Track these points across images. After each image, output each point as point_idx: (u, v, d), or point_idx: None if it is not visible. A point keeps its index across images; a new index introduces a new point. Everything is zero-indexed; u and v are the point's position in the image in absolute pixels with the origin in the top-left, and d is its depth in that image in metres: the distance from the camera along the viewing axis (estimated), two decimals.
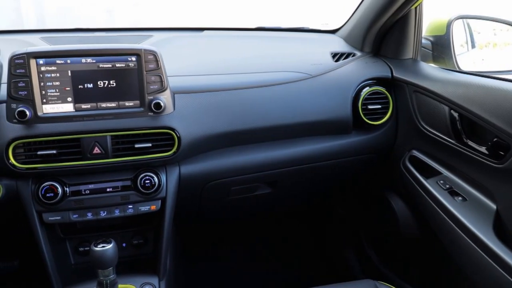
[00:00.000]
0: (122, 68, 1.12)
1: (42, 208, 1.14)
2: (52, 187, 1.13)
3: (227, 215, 1.65)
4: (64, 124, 1.10)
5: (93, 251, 1.02)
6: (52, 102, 1.10)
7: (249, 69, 1.38)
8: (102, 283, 1.05)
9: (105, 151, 1.13)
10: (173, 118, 1.17)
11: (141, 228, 1.34)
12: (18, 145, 1.09)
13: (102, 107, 1.13)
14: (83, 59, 1.10)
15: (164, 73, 1.14)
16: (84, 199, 1.16)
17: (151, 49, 1.13)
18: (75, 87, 1.10)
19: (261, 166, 1.36)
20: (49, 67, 1.08)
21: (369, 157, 1.50)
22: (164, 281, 1.24)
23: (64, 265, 1.26)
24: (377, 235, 1.76)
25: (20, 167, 1.09)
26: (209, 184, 1.32)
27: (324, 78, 1.40)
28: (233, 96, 1.28)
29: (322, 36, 1.71)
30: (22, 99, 1.07)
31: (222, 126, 1.25)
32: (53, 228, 1.23)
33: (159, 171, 1.21)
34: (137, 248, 1.35)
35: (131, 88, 1.13)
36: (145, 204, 1.20)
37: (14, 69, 1.06)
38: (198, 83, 1.27)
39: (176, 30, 1.67)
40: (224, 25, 1.75)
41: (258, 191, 1.44)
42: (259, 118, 1.30)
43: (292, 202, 1.69)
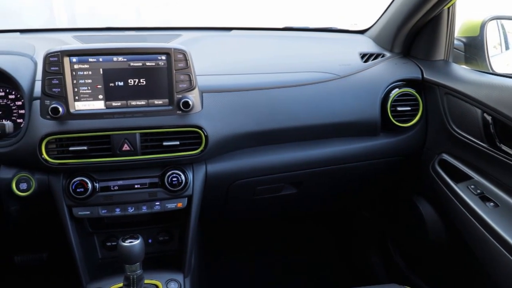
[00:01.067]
0: (152, 67, 1.13)
1: (73, 203, 1.17)
2: (83, 182, 1.15)
3: (251, 214, 1.65)
4: (95, 121, 1.12)
5: (121, 246, 1.04)
6: (84, 99, 1.12)
7: (277, 69, 1.37)
8: (129, 278, 1.07)
9: (134, 148, 1.14)
10: (201, 116, 1.18)
11: (167, 225, 1.35)
12: (51, 140, 1.12)
13: (132, 105, 1.14)
14: (115, 58, 1.12)
15: (193, 72, 1.15)
16: (113, 195, 1.18)
17: (181, 48, 1.14)
18: (106, 84, 1.12)
19: (287, 166, 1.35)
20: (81, 65, 1.11)
21: (397, 160, 1.48)
22: (189, 278, 1.25)
23: (91, 259, 1.29)
24: (404, 240, 1.72)
25: (52, 162, 1.12)
26: (235, 183, 1.32)
27: (352, 78, 1.38)
28: (261, 95, 1.28)
29: (350, 36, 1.70)
30: (55, 96, 1.10)
31: (249, 126, 1.25)
32: (82, 223, 1.26)
33: (186, 169, 1.22)
34: (163, 245, 1.36)
35: (160, 86, 1.15)
36: (172, 202, 1.21)
37: (48, 66, 1.09)
38: (226, 82, 1.28)
39: (204, 30, 1.68)
40: (252, 25, 1.75)
41: (283, 192, 1.44)
42: (286, 118, 1.30)
43: (317, 204, 1.68)
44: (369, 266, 1.88)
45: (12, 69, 1.17)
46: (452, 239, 1.44)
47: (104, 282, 1.21)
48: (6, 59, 1.20)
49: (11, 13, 3.29)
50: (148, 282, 1.18)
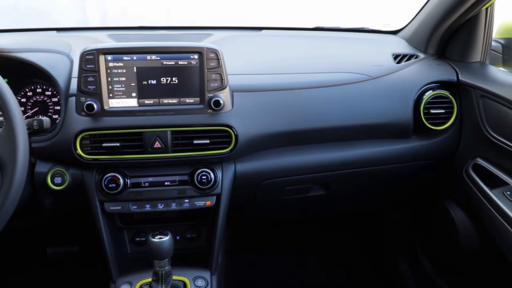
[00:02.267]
0: (185, 66, 1.14)
1: (105, 198, 1.19)
2: (115, 178, 1.17)
3: (279, 215, 1.65)
4: (128, 118, 1.14)
5: (150, 242, 1.05)
6: (118, 96, 1.14)
7: (307, 69, 1.36)
8: (158, 273, 1.09)
9: (165, 146, 1.16)
10: (231, 116, 1.18)
11: (194, 222, 1.36)
12: (85, 136, 1.14)
13: (164, 103, 1.16)
14: (148, 56, 1.14)
15: (224, 71, 1.16)
16: (143, 191, 1.20)
17: (213, 48, 1.15)
18: (139, 83, 1.14)
19: (316, 167, 1.34)
20: (116, 63, 1.13)
21: (429, 163, 1.44)
22: (216, 276, 1.26)
23: (121, 254, 1.31)
24: (434, 246, 1.68)
25: (86, 157, 1.15)
26: (264, 182, 1.32)
27: (385, 80, 1.36)
28: (292, 95, 1.27)
29: (383, 36, 1.67)
30: (90, 93, 1.12)
31: (279, 126, 1.25)
32: (113, 218, 1.29)
33: (215, 167, 1.23)
34: (190, 242, 1.38)
35: (192, 85, 1.16)
36: (201, 199, 1.22)
37: (84, 64, 1.12)
38: (256, 82, 1.28)
39: (235, 29, 1.69)
40: (282, 25, 1.75)
41: (312, 193, 1.43)
42: (316, 118, 1.29)
43: (345, 206, 1.66)
44: (396, 271, 1.84)
45: (49, 67, 1.21)
46: (485, 246, 1.40)
47: (133, 276, 1.22)
48: (44, 57, 1.24)
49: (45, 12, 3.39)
50: (176, 278, 1.19)
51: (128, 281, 1.21)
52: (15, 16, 3.25)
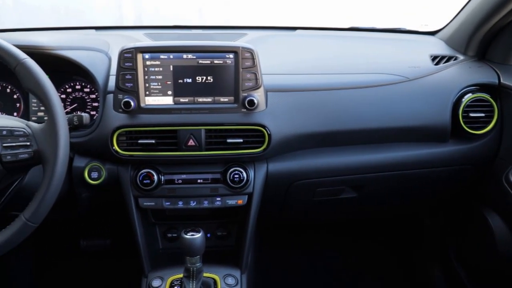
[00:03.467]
0: (220, 65, 1.15)
1: (139, 194, 1.21)
2: (149, 174, 1.19)
3: (310, 216, 1.63)
4: (163, 116, 1.16)
5: (183, 238, 1.06)
6: (154, 94, 1.16)
7: (342, 70, 1.35)
8: (189, 269, 1.10)
9: (199, 144, 1.17)
10: (265, 115, 1.18)
11: (225, 221, 1.37)
12: (122, 133, 1.17)
13: (199, 101, 1.17)
14: (185, 55, 1.15)
15: (259, 71, 1.16)
16: (176, 188, 1.22)
17: (248, 47, 1.15)
18: (175, 81, 1.16)
19: (349, 169, 1.33)
20: (153, 62, 1.15)
21: (466, 168, 1.40)
22: (246, 274, 1.26)
23: (153, 249, 1.33)
24: (468, 253, 1.63)
25: (122, 153, 1.17)
26: (295, 183, 1.31)
27: (422, 82, 1.33)
28: (326, 96, 1.26)
29: (420, 37, 1.63)
30: (128, 90, 1.15)
31: (313, 126, 1.24)
32: (146, 213, 1.31)
33: (247, 166, 1.23)
34: (220, 240, 1.38)
35: (226, 84, 1.16)
36: (233, 198, 1.23)
37: (123, 62, 1.14)
38: (291, 82, 1.27)
39: (269, 29, 1.68)
40: (317, 25, 1.74)
41: (343, 195, 1.41)
42: (351, 120, 1.27)
43: (377, 209, 1.63)
44: (429, 278, 1.80)
45: (89, 64, 1.24)
46: None
47: (164, 271, 1.24)
48: (84, 54, 1.27)
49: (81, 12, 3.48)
50: (206, 275, 1.20)
51: (159, 276, 1.22)
52: (54, 16, 3.34)
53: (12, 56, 0.93)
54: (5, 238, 0.91)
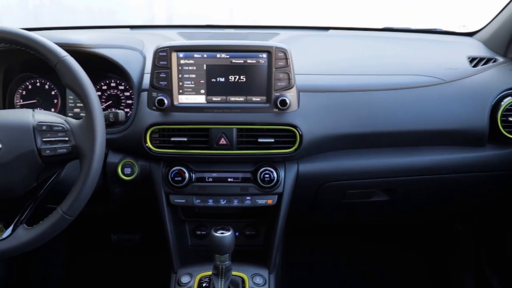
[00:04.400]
0: (253, 64, 1.15)
1: (170, 190, 1.23)
2: (181, 171, 1.21)
3: (339, 218, 1.62)
4: (196, 114, 1.17)
5: (213, 236, 1.07)
6: (187, 93, 1.18)
7: (376, 71, 1.33)
8: (218, 267, 1.10)
9: (230, 143, 1.17)
10: (297, 115, 1.18)
11: (254, 220, 1.37)
12: (155, 130, 1.19)
13: (231, 100, 1.18)
14: (218, 54, 1.16)
15: (292, 71, 1.15)
16: (207, 186, 1.23)
17: (282, 47, 1.15)
18: (208, 80, 1.17)
19: (381, 172, 1.30)
20: (187, 60, 1.16)
21: (504, 174, 1.35)
22: (274, 274, 1.26)
23: (182, 245, 1.35)
24: (504, 263, 1.58)
25: (155, 150, 1.19)
26: (326, 184, 1.30)
27: (459, 84, 1.29)
28: (359, 97, 1.24)
29: (457, 38, 1.59)
30: (162, 88, 1.17)
31: (345, 128, 1.22)
32: (176, 210, 1.32)
33: (278, 166, 1.23)
34: (249, 239, 1.39)
35: (259, 84, 1.16)
36: (263, 198, 1.23)
37: (157, 60, 1.16)
38: (323, 82, 1.26)
39: (302, 29, 1.68)
40: (350, 25, 1.71)
41: (374, 198, 1.39)
42: (384, 122, 1.25)
43: (408, 214, 1.60)
44: (462, 286, 1.75)
45: (124, 62, 1.26)
46: None
47: (193, 268, 1.25)
48: (119, 53, 1.30)
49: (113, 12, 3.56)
50: (234, 274, 1.20)
51: (188, 273, 1.24)
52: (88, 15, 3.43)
53: (53, 53, 0.96)
54: (43, 230, 0.94)
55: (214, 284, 1.11)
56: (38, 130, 0.95)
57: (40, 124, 0.96)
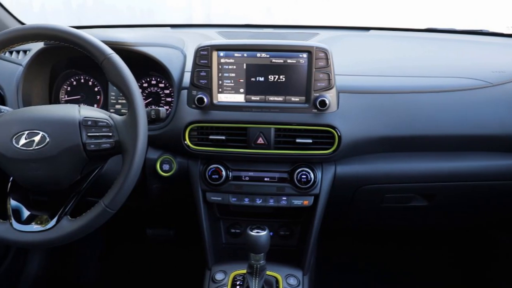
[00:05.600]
0: (293, 64, 1.15)
1: (207, 188, 1.24)
2: (218, 169, 1.22)
3: (375, 223, 1.59)
4: (235, 113, 1.18)
5: (249, 235, 1.07)
6: (227, 92, 1.19)
7: (418, 73, 1.29)
8: (253, 266, 1.10)
9: (268, 142, 1.17)
10: (336, 116, 1.17)
11: (289, 220, 1.37)
12: (194, 128, 1.20)
13: (270, 100, 1.18)
14: (258, 54, 1.16)
15: (332, 71, 1.14)
16: (243, 185, 1.23)
17: (322, 47, 1.13)
18: (248, 79, 1.17)
19: (421, 176, 1.27)
20: (227, 59, 1.17)
21: None
22: (308, 276, 1.25)
23: (216, 243, 1.36)
24: None
25: (193, 148, 1.21)
26: (363, 187, 1.28)
27: (507, 87, 1.24)
28: (400, 99, 1.22)
29: (505, 40, 1.53)
30: (202, 87, 1.18)
31: (385, 130, 1.20)
32: (212, 208, 1.34)
33: (315, 167, 1.22)
34: (283, 239, 1.38)
35: (298, 84, 1.16)
36: (299, 198, 1.22)
37: (198, 59, 1.17)
38: (363, 83, 1.24)
39: (342, 29, 1.66)
40: (391, 25, 1.68)
41: (413, 203, 1.35)
42: (425, 125, 1.22)
43: (448, 221, 1.55)
44: None
45: (166, 60, 1.29)
46: None
47: (227, 266, 1.26)
48: (161, 51, 1.32)
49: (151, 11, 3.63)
50: (268, 273, 1.20)
51: (222, 270, 1.25)
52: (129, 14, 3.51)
53: (100, 51, 0.98)
54: (86, 222, 0.97)
55: (248, 283, 1.11)
56: (84, 125, 0.98)
57: (85, 119, 0.99)
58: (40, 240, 0.97)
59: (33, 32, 0.99)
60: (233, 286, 1.20)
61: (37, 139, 0.97)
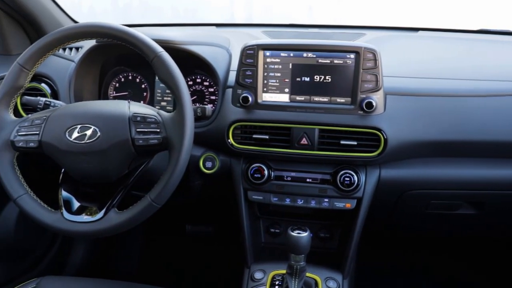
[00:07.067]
0: (340, 65, 1.13)
1: (249, 187, 1.25)
2: (260, 168, 1.22)
3: (418, 229, 1.54)
4: (279, 113, 1.18)
5: (290, 235, 1.06)
6: (271, 91, 1.19)
7: (470, 75, 1.24)
8: (293, 267, 1.10)
9: (311, 143, 1.17)
10: (382, 119, 1.14)
11: (329, 223, 1.35)
12: (237, 126, 1.21)
13: (315, 100, 1.17)
14: (305, 54, 1.15)
15: (380, 73, 1.12)
16: (284, 185, 1.23)
17: (371, 48, 1.11)
18: (293, 79, 1.17)
19: (470, 183, 1.22)
20: (273, 59, 1.17)
21: None
22: (347, 280, 1.23)
23: (256, 242, 1.36)
24: None
25: (237, 146, 1.22)
26: (408, 192, 1.25)
27: None
28: (451, 103, 1.17)
29: None
30: (247, 86, 1.18)
31: (433, 134, 1.16)
32: (253, 206, 1.34)
33: (359, 170, 1.20)
34: (322, 241, 1.37)
35: (344, 85, 1.14)
36: (341, 201, 1.21)
37: (244, 58, 1.18)
38: (412, 85, 1.21)
39: (389, 29, 1.62)
40: (441, 26, 1.62)
41: (461, 211, 1.30)
42: (475, 130, 1.17)
43: (499, 230, 1.48)
44: None
45: (212, 59, 1.30)
46: None
47: (266, 265, 1.26)
48: (207, 50, 1.34)
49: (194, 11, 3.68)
50: (308, 275, 1.19)
51: (262, 269, 1.25)
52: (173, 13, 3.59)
53: (151, 49, 1.01)
54: (132, 215, 1.00)
55: (288, 283, 1.10)
56: (133, 121, 1.01)
57: (135, 115, 1.01)
58: (89, 231, 1.01)
59: (89, 30, 1.02)
60: (271, 286, 1.19)
61: (89, 133, 1.00)
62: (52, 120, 1.03)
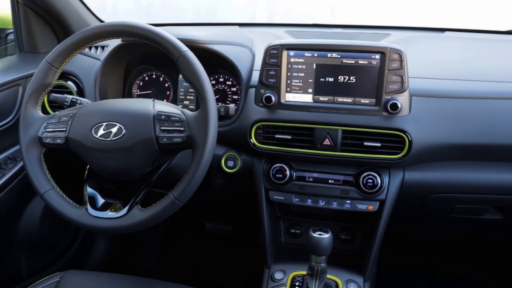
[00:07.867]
0: (364, 65, 1.12)
1: (270, 187, 1.25)
2: (282, 169, 1.22)
3: (442, 233, 1.52)
4: (302, 113, 1.17)
5: (311, 236, 1.06)
6: (295, 91, 1.18)
7: (498, 77, 1.21)
8: (314, 268, 1.09)
9: (334, 144, 1.16)
10: (407, 121, 1.12)
11: (350, 224, 1.34)
12: (260, 126, 1.21)
13: (338, 101, 1.16)
14: (329, 54, 1.14)
15: (406, 74, 1.10)
16: (306, 185, 1.22)
17: (397, 48, 1.10)
18: (317, 79, 1.16)
19: (496, 188, 1.19)
20: (297, 59, 1.17)
21: None
22: (369, 283, 1.22)
23: (276, 242, 1.36)
24: None
25: (259, 146, 1.22)
26: (432, 196, 1.22)
27: None
28: (478, 105, 1.15)
29: None
30: (270, 86, 1.18)
31: (460, 137, 1.14)
32: (274, 207, 1.34)
33: (382, 172, 1.18)
34: (343, 243, 1.36)
35: (369, 85, 1.13)
36: (363, 203, 1.19)
37: (268, 58, 1.18)
38: (438, 87, 1.18)
39: (415, 30, 1.59)
40: (468, 27, 1.59)
41: (486, 215, 1.27)
42: (502, 134, 1.14)
43: None
44: None
45: (235, 58, 1.30)
46: None
47: (286, 266, 1.26)
48: (230, 49, 1.34)
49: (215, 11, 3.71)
50: (329, 277, 1.18)
51: (282, 270, 1.24)
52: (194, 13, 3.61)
53: (176, 48, 1.02)
54: (155, 212, 1.01)
55: (308, 284, 1.10)
56: (158, 119, 1.02)
57: (159, 114, 1.02)
58: (113, 227, 1.02)
59: (116, 29, 1.04)
60: (292, 287, 1.19)
61: (114, 131, 1.01)
62: (79, 117, 1.05)
